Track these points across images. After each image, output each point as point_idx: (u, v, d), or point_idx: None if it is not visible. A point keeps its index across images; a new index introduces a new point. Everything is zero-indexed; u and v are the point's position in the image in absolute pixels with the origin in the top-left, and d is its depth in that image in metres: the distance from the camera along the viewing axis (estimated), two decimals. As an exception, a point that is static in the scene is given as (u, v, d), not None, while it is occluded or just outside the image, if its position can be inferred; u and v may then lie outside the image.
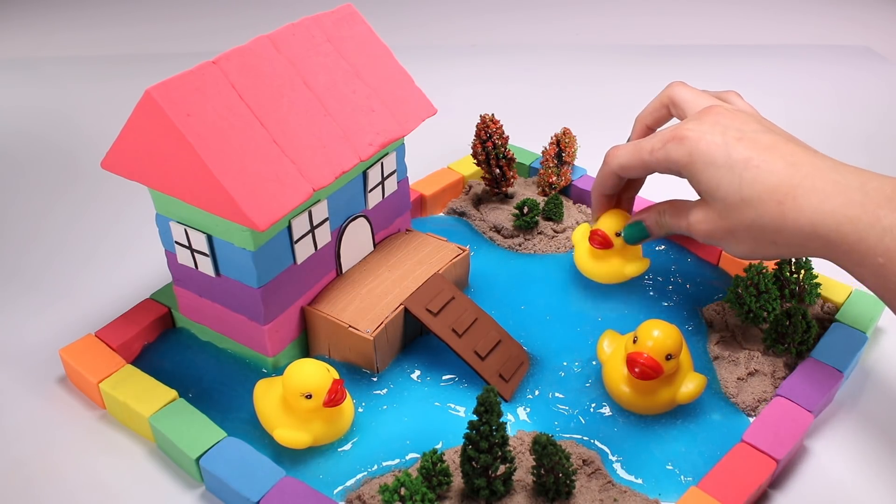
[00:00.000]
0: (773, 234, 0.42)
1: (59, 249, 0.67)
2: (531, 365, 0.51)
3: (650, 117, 0.53)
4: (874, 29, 1.21)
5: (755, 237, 0.43)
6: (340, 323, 0.49)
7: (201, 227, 0.46)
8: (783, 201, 0.41)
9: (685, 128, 0.45)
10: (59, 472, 0.46)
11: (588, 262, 0.56)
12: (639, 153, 0.48)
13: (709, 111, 0.46)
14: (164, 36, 1.15)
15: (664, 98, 0.52)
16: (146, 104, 0.41)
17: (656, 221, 0.50)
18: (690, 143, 0.44)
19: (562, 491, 0.42)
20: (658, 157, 0.46)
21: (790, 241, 0.42)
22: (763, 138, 0.43)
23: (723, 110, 0.46)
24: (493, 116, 0.65)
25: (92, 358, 0.50)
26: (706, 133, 0.44)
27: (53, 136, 0.86)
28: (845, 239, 0.39)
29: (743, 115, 0.45)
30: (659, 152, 0.46)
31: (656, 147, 0.46)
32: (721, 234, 0.45)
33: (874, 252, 0.38)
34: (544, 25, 1.22)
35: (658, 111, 0.52)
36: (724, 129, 0.44)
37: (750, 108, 0.49)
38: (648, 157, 0.47)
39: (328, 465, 0.45)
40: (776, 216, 0.41)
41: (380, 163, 0.53)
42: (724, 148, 0.43)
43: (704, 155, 0.43)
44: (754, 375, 0.50)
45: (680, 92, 0.50)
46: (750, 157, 0.42)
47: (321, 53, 0.50)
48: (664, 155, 0.46)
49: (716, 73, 1.02)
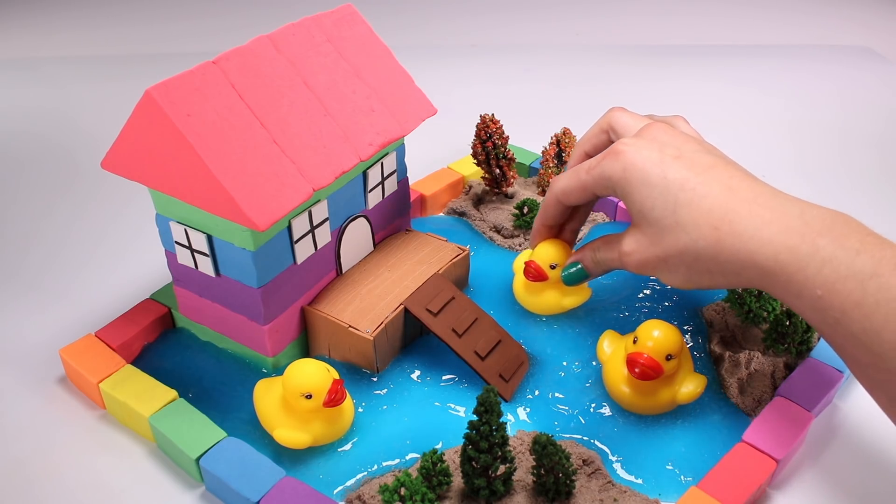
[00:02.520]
0: (708, 261, 0.40)
1: (59, 249, 0.67)
2: (531, 365, 0.51)
3: (588, 143, 0.50)
4: (874, 29, 1.21)
5: (689, 265, 0.41)
6: (340, 323, 0.49)
7: (201, 227, 0.46)
8: (719, 227, 0.39)
9: (622, 142, 0.43)
10: (59, 472, 0.46)
11: (524, 294, 0.55)
12: (577, 174, 0.46)
13: (649, 128, 0.44)
14: (164, 36, 1.15)
15: (603, 124, 0.49)
16: (146, 104, 0.41)
17: (592, 259, 0.48)
18: (625, 157, 0.42)
19: (562, 491, 0.42)
20: (594, 175, 0.44)
21: (726, 270, 0.39)
22: (702, 158, 0.41)
23: (663, 127, 0.44)
24: (493, 116, 0.65)
25: (92, 358, 0.50)
26: (643, 149, 0.42)
27: (53, 136, 0.86)
28: (784, 269, 0.37)
29: (683, 135, 0.44)
30: (595, 170, 0.44)
31: (592, 165, 0.45)
32: (654, 262, 0.42)
33: (812, 284, 0.36)
34: (544, 25, 1.22)
35: (597, 136, 0.50)
36: (661, 145, 0.42)
37: (694, 132, 0.47)
38: (585, 177, 0.45)
39: (328, 465, 0.45)
40: (712, 242, 0.39)
41: (380, 163, 0.53)
42: (661, 166, 0.41)
43: (639, 171, 0.41)
44: (754, 375, 0.50)
45: (619, 117, 0.48)
46: (687, 178, 0.40)
47: (321, 53, 0.50)
48: (599, 171, 0.44)
49: (716, 73, 1.03)
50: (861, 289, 0.35)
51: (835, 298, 0.36)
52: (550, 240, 0.53)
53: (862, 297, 0.35)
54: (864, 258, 0.35)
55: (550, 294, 0.53)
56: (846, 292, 0.35)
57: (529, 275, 0.52)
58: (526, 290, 0.54)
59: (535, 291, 0.54)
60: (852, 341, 0.36)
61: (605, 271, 0.48)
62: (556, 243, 0.52)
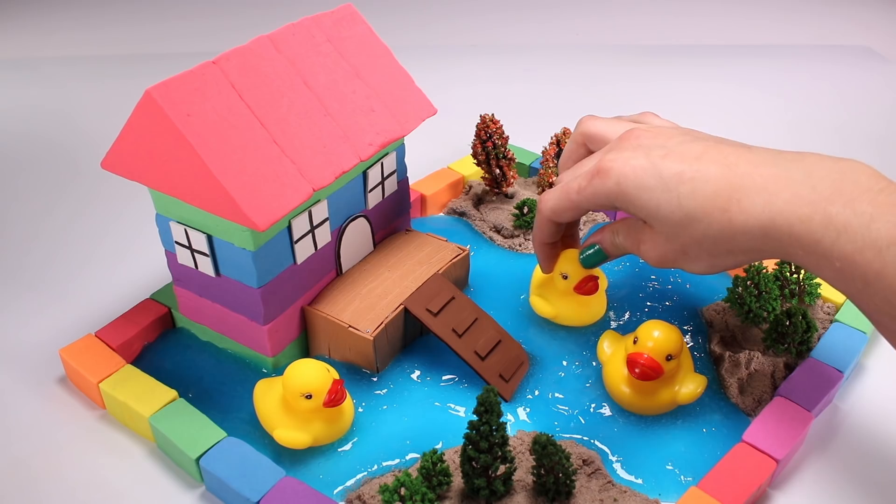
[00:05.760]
0: (726, 243, 0.39)
1: (59, 249, 0.67)
2: (531, 365, 0.51)
3: (570, 161, 0.50)
4: (874, 29, 1.21)
5: (709, 251, 0.40)
6: (340, 323, 0.49)
7: (201, 227, 0.46)
8: (727, 208, 0.38)
9: (606, 159, 0.42)
10: (59, 472, 0.46)
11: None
12: (567, 195, 0.45)
13: (626, 136, 0.43)
14: (164, 36, 1.15)
15: (577, 137, 0.48)
16: (146, 104, 0.41)
17: (611, 242, 0.47)
18: (615, 173, 0.41)
19: (562, 491, 0.42)
20: (587, 195, 0.43)
21: (745, 247, 0.39)
22: (690, 148, 0.41)
23: (640, 132, 0.43)
24: (493, 116, 0.65)
25: (92, 358, 0.50)
26: (629, 159, 0.41)
27: (53, 135, 0.86)
28: (800, 241, 0.37)
29: (663, 130, 0.43)
30: (586, 190, 0.43)
31: (582, 185, 0.44)
32: (673, 256, 0.42)
33: (830, 255, 0.36)
34: (544, 25, 1.22)
35: (576, 152, 0.49)
36: (646, 150, 0.41)
37: (668, 123, 0.47)
38: (577, 198, 0.44)
39: (328, 465, 0.45)
40: (724, 224, 0.39)
41: (380, 163, 0.53)
42: (652, 169, 0.40)
43: (633, 181, 0.41)
44: (754, 375, 0.50)
45: (592, 125, 0.47)
46: (682, 171, 0.40)
47: (321, 53, 0.50)
48: (592, 192, 0.43)
49: (716, 73, 1.03)
50: (880, 259, 0.34)
51: (855, 270, 0.35)
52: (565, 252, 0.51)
53: (882, 266, 0.34)
54: (880, 225, 0.34)
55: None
56: (865, 263, 0.35)
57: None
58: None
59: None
60: (879, 308, 0.36)
61: (623, 255, 0.48)
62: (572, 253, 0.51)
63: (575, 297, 0.52)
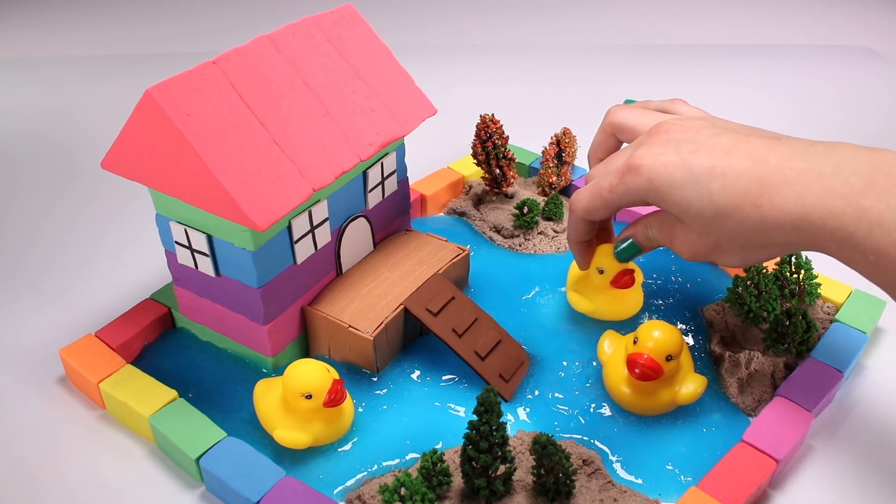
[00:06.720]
0: (759, 237, 0.39)
1: (59, 249, 0.67)
2: (531, 365, 0.51)
3: (599, 151, 0.50)
4: (874, 29, 1.21)
5: (742, 245, 0.41)
6: (340, 323, 0.49)
7: (201, 227, 0.46)
8: (759, 203, 0.38)
9: (636, 155, 0.42)
10: (59, 472, 0.46)
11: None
12: (599, 193, 0.45)
13: (656, 130, 0.43)
14: (164, 36, 1.15)
15: (606, 127, 0.49)
16: (146, 104, 0.41)
17: (644, 236, 0.47)
18: (646, 170, 0.41)
19: (562, 491, 0.42)
20: (619, 193, 0.44)
21: (779, 241, 0.39)
22: (720, 142, 0.40)
23: (669, 125, 0.43)
24: (493, 116, 0.65)
25: (92, 358, 0.50)
26: (659, 155, 0.41)
27: (53, 135, 0.86)
28: (833, 235, 0.37)
29: (693, 123, 0.43)
30: (618, 188, 0.43)
31: (614, 183, 0.44)
32: (706, 251, 0.42)
33: (864, 249, 0.36)
34: (544, 25, 1.22)
35: (605, 142, 0.49)
36: (676, 145, 0.41)
37: (699, 111, 0.47)
38: (609, 195, 0.44)
39: (328, 465, 0.45)
40: (757, 220, 0.39)
41: (380, 163, 0.53)
42: (683, 165, 0.40)
43: (664, 178, 0.41)
44: (754, 375, 0.50)
45: (621, 115, 0.48)
46: (713, 166, 0.39)
47: (321, 53, 0.50)
48: (623, 189, 0.43)
49: (716, 73, 1.03)
50: None
51: (889, 263, 0.35)
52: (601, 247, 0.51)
53: None
54: None
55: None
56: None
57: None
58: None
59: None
60: None
61: (656, 248, 0.48)
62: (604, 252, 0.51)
63: (612, 292, 0.52)
